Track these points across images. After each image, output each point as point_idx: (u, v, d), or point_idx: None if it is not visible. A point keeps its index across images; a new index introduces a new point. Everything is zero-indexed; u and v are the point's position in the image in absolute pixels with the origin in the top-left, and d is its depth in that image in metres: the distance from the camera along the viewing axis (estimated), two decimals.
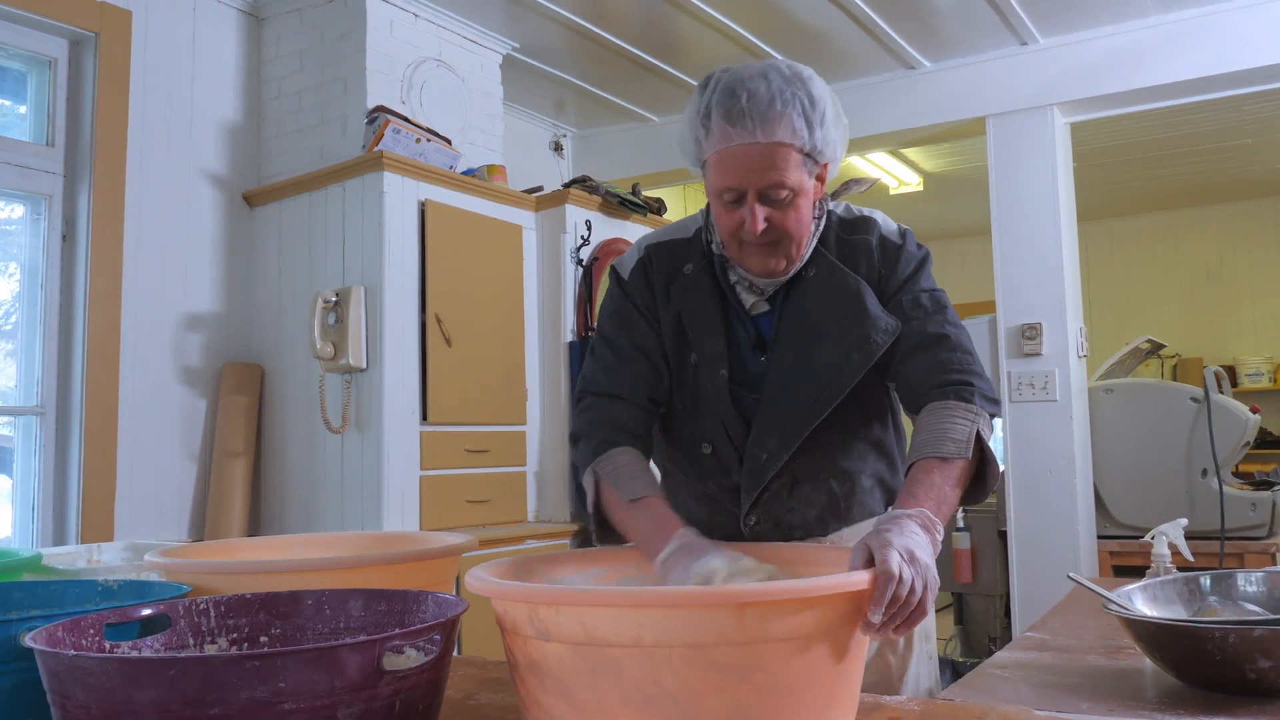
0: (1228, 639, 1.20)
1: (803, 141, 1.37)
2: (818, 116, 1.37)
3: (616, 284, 1.62)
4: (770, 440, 1.49)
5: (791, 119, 1.35)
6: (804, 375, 1.49)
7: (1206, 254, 7.27)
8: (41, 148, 3.15)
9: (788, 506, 1.53)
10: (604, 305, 1.64)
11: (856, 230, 1.53)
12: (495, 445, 3.57)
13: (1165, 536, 1.83)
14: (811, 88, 1.38)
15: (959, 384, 1.41)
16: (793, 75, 1.38)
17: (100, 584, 1.31)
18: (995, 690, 1.36)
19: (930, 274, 1.54)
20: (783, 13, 3.85)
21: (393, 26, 3.53)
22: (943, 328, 1.47)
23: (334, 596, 1.15)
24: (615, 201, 4.07)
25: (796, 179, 1.38)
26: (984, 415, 1.38)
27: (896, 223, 1.56)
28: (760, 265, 1.47)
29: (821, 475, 1.53)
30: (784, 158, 1.37)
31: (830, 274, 1.49)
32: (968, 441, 1.34)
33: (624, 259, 1.63)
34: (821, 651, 0.96)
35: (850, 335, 1.47)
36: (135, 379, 3.23)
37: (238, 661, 0.82)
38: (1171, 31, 3.91)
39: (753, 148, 1.36)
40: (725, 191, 1.40)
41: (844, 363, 1.47)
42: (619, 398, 1.52)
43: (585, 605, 0.93)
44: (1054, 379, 4.06)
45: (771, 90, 1.35)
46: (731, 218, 1.42)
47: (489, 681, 1.36)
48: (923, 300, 1.49)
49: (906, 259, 1.51)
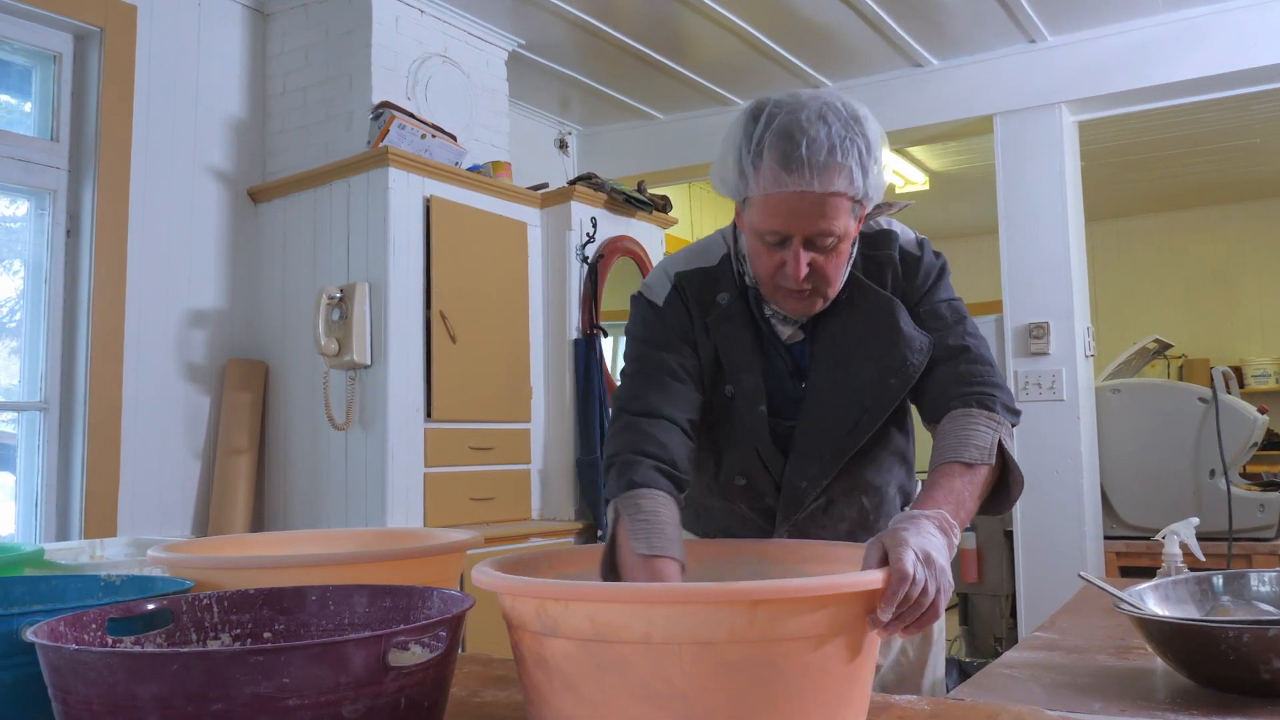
0: (1242, 639, 1.19)
1: (857, 190, 1.32)
2: (872, 162, 1.33)
3: (650, 310, 1.52)
4: (810, 468, 1.48)
5: (850, 169, 1.30)
6: (841, 400, 1.47)
7: (1213, 254, 7.25)
8: (46, 143, 3.15)
9: (820, 525, 1.53)
10: (634, 331, 1.54)
11: (879, 245, 1.50)
12: (499, 443, 3.56)
13: (1177, 536, 1.82)
14: (868, 130, 1.33)
15: (981, 394, 1.39)
16: (850, 117, 1.32)
17: (103, 579, 1.30)
18: (1006, 690, 1.35)
19: (949, 283, 1.52)
20: (790, 10, 3.84)
21: (398, 22, 3.52)
22: (963, 339, 1.45)
23: (338, 592, 1.14)
24: (621, 199, 4.06)
25: (844, 225, 1.35)
26: (1006, 424, 1.37)
27: (914, 232, 1.54)
28: (796, 308, 1.44)
29: (854, 493, 1.53)
30: (836, 206, 1.32)
31: (862, 294, 1.46)
32: (990, 449, 1.33)
33: (652, 287, 1.53)
34: (833, 650, 0.95)
35: (886, 357, 1.44)
36: (139, 375, 3.22)
37: (241, 657, 0.80)
38: (1180, 30, 3.90)
39: (807, 196, 1.30)
40: (769, 234, 1.35)
41: (881, 387, 1.45)
42: (660, 417, 1.42)
43: (594, 601, 0.92)
44: (1061, 379, 4.04)
45: (832, 137, 1.29)
46: (772, 259, 1.37)
47: (494, 679, 1.35)
48: (942, 311, 1.47)
49: (926, 270, 1.49)
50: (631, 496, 1.33)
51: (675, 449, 1.40)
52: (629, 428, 1.41)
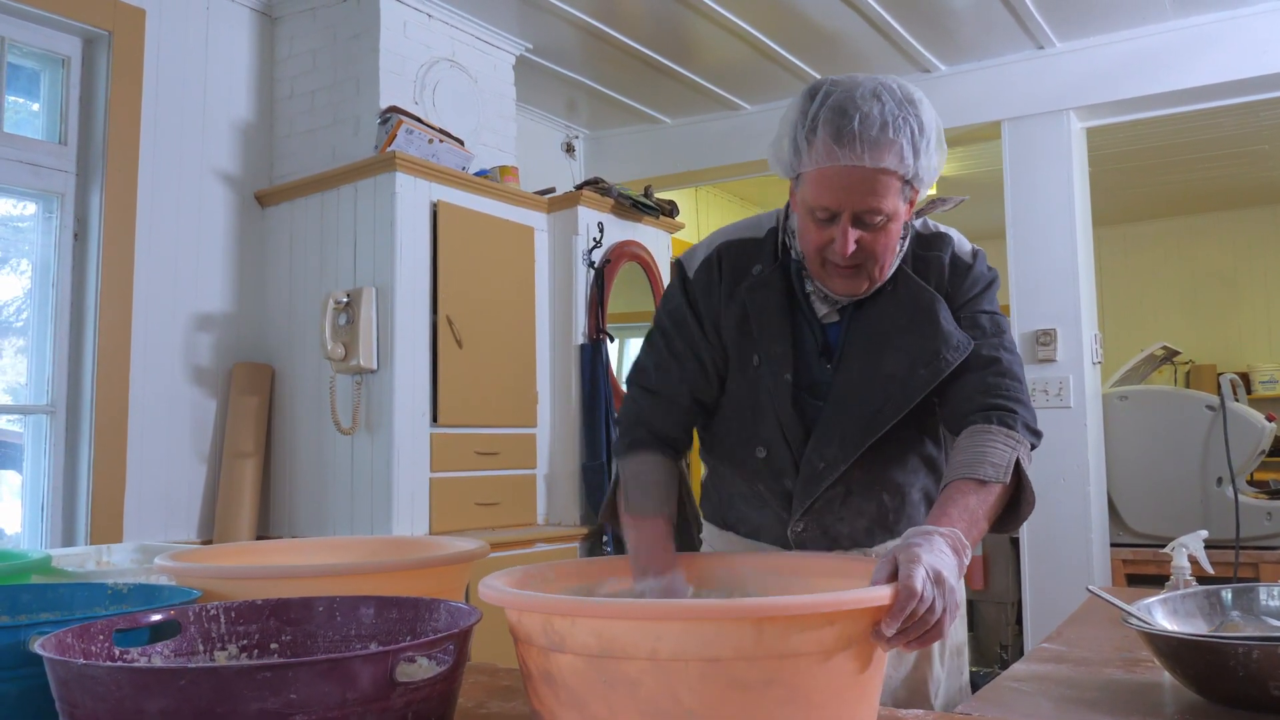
0: (1251, 655, 1.18)
1: (907, 169, 1.34)
2: (924, 144, 1.35)
3: (679, 279, 1.58)
4: (830, 450, 1.48)
5: (901, 146, 1.32)
6: (870, 386, 1.47)
7: (1221, 260, 7.23)
8: (54, 146, 3.15)
9: (838, 516, 1.52)
10: (664, 298, 1.61)
11: (931, 246, 1.51)
12: (505, 448, 3.56)
13: (1185, 548, 1.81)
14: (922, 114, 1.35)
15: (1003, 409, 1.39)
16: (904, 98, 1.35)
17: (110, 587, 1.30)
18: (1013, 704, 1.34)
19: (995, 297, 1.52)
20: (798, 15, 3.83)
21: (406, 27, 3.52)
22: (997, 351, 1.45)
23: (345, 603, 1.14)
24: (627, 203, 4.05)
25: (893, 205, 1.36)
26: (1025, 444, 1.37)
27: (971, 243, 1.55)
28: (842, 286, 1.45)
29: (874, 487, 1.52)
30: (886, 184, 1.34)
31: (906, 286, 1.47)
32: (1007, 467, 1.32)
33: (693, 252, 1.59)
34: (840, 665, 0.95)
35: (920, 349, 1.45)
36: (146, 378, 3.23)
37: (249, 672, 0.80)
38: (1189, 36, 3.89)
39: (856, 171, 1.33)
40: (819, 209, 1.37)
41: (910, 376, 1.45)
42: (661, 395, 1.54)
43: (601, 617, 0.92)
44: (1068, 385, 4.03)
45: (885, 114, 1.32)
46: (821, 235, 1.39)
47: (500, 690, 1.35)
48: (982, 321, 1.47)
49: (974, 279, 1.49)
50: (628, 459, 1.51)
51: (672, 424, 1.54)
52: (635, 399, 1.57)
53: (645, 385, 1.56)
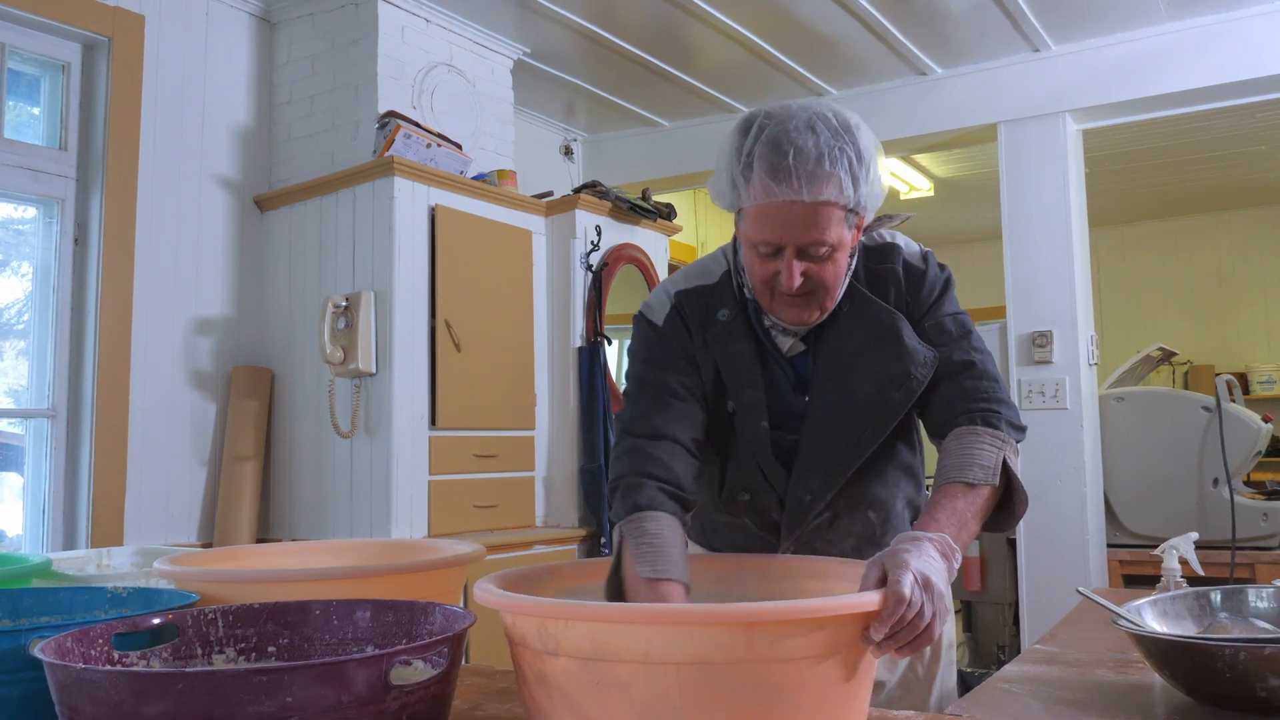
0: (1238, 656, 1.19)
1: (847, 200, 1.32)
2: (864, 172, 1.32)
3: (651, 330, 1.53)
4: (814, 482, 1.47)
5: (839, 178, 1.30)
6: (844, 413, 1.46)
7: (1218, 260, 7.24)
8: (54, 151, 3.17)
9: (825, 539, 1.52)
10: (636, 351, 1.55)
11: (882, 259, 1.49)
12: (504, 450, 3.57)
13: (1175, 550, 1.82)
14: (859, 140, 1.33)
15: (986, 411, 1.39)
16: (840, 127, 1.32)
17: (109, 591, 1.31)
18: (1003, 705, 1.35)
19: (954, 296, 1.51)
20: (795, 19, 3.85)
21: (404, 31, 3.54)
22: (969, 354, 1.45)
23: (341, 607, 1.15)
24: (625, 207, 4.07)
25: (837, 235, 1.34)
26: (1011, 442, 1.37)
27: (917, 244, 1.54)
28: (792, 316, 1.43)
29: (860, 507, 1.52)
30: (827, 216, 1.32)
31: (864, 306, 1.46)
32: (994, 468, 1.33)
33: (653, 307, 1.55)
34: (829, 670, 0.96)
35: (889, 371, 1.44)
36: (146, 382, 3.24)
37: (245, 676, 0.82)
38: (1184, 39, 3.90)
39: (796, 205, 1.31)
40: (762, 244, 1.36)
41: (883, 402, 1.44)
42: (664, 437, 1.42)
43: (594, 620, 0.93)
44: (1065, 387, 4.05)
45: (820, 147, 1.29)
46: (766, 268, 1.38)
47: (496, 691, 1.36)
48: (947, 325, 1.47)
49: (930, 284, 1.48)
50: (636, 519, 1.33)
51: (679, 469, 1.39)
52: (633, 450, 1.41)
53: (639, 432, 1.43)
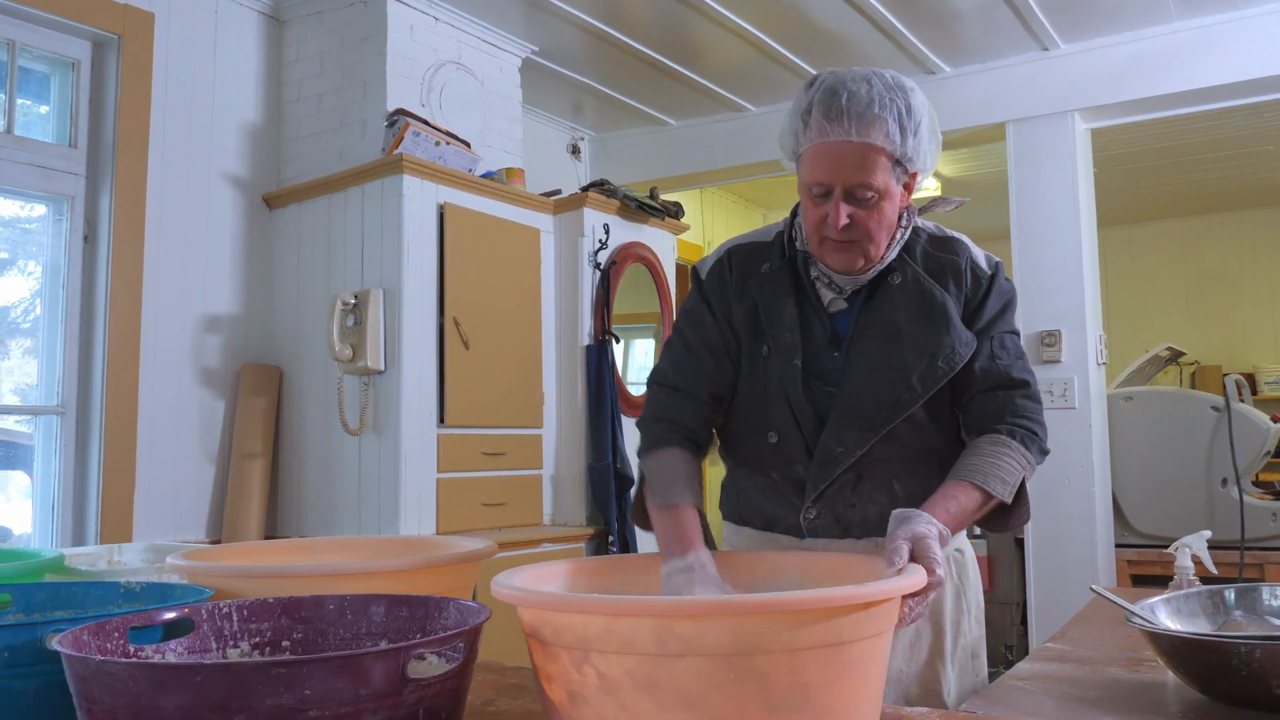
0: (1254, 654, 1.19)
1: (894, 147, 1.42)
2: (913, 125, 1.43)
3: (695, 283, 1.67)
4: (848, 435, 1.52)
5: (886, 123, 1.41)
6: (886, 375, 1.52)
7: (1226, 260, 7.22)
8: (64, 149, 3.18)
9: (849, 503, 1.54)
10: (683, 303, 1.69)
11: (946, 249, 1.57)
12: (512, 448, 3.57)
13: (1189, 549, 1.82)
14: (911, 98, 1.44)
15: (1027, 431, 1.47)
16: (895, 84, 1.44)
17: (123, 586, 1.31)
18: (1016, 703, 1.35)
19: (1014, 315, 1.59)
20: (803, 17, 3.84)
21: (413, 30, 3.54)
22: (1025, 374, 1.53)
23: (356, 602, 1.15)
24: (633, 205, 4.07)
25: (883, 182, 1.43)
26: (1033, 466, 1.46)
27: (985, 251, 1.61)
28: (838, 262, 1.51)
29: (885, 475, 1.54)
30: (874, 160, 1.42)
31: (917, 283, 1.53)
32: (1014, 486, 1.41)
33: (705, 259, 1.68)
34: (841, 661, 0.96)
35: (936, 343, 1.51)
36: (155, 380, 3.24)
37: (264, 668, 0.82)
38: (1193, 38, 3.89)
39: (846, 145, 1.41)
40: (814, 185, 1.45)
41: (928, 368, 1.50)
42: (681, 391, 1.58)
43: (614, 615, 0.93)
44: (1073, 386, 4.04)
45: (872, 93, 1.41)
46: (817, 211, 1.47)
47: (508, 687, 1.36)
48: (1009, 343, 1.55)
49: (998, 295, 1.56)
50: (652, 455, 1.54)
51: (690, 417, 1.57)
52: (655, 397, 1.61)
53: (663, 383, 1.61)
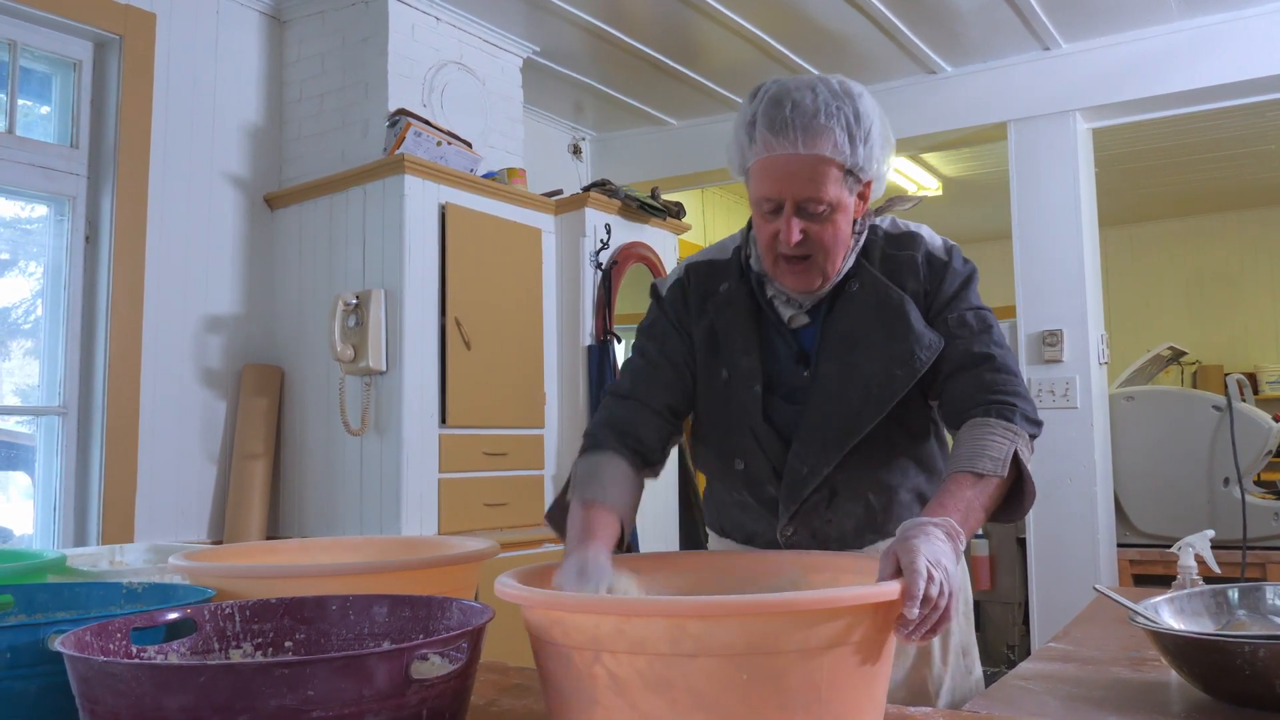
0: (1257, 653, 1.19)
1: (844, 157, 1.37)
2: (862, 133, 1.37)
3: (655, 300, 1.64)
4: (813, 455, 1.48)
5: (834, 133, 1.35)
6: (848, 389, 1.48)
7: (1228, 260, 7.22)
8: (65, 149, 3.17)
9: (825, 519, 1.52)
10: (641, 321, 1.65)
11: (903, 246, 1.52)
12: (513, 448, 3.57)
13: (1192, 548, 1.81)
14: (859, 104, 1.38)
15: (1001, 403, 1.39)
16: (841, 91, 1.38)
17: (125, 587, 1.31)
18: (1020, 702, 1.35)
19: (976, 291, 1.52)
20: (804, 16, 3.84)
21: (414, 30, 3.54)
22: (988, 347, 1.45)
23: (358, 602, 1.15)
24: (635, 205, 4.07)
25: (835, 194, 1.38)
26: (1024, 436, 1.37)
27: (942, 238, 1.56)
28: (794, 282, 1.47)
29: (859, 489, 1.52)
30: (824, 172, 1.37)
31: (875, 288, 1.48)
32: (1004, 460, 1.33)
33: (664, 278, 1.65)
34: (851, 661, 0.96)
35: (894, 350, 1.46)
36: (156, 380, 3.24)
37: (267, 669, 0.82)
38: (1195, 37, 3.89)
39: (794, 159, 1.36)
40: (764, 201, 1.41)
41: (887, 378, 1.46)
42: (633, 399, 1.54)
43: (621, 614, 0.93)
44: (1075, 386, 4.04)
45: (817, 103, 1.36)
46: (769, 227, 1.42)
47: (510, 688, 1.36)
48: (968, 319, 1.47)
49: (953, 276, 1.50)
50: (585, 458, 1.48)
51: (641, 426, 1.52)
52: (605, 406, 1.57)
53: (617, 393, 1.57)
